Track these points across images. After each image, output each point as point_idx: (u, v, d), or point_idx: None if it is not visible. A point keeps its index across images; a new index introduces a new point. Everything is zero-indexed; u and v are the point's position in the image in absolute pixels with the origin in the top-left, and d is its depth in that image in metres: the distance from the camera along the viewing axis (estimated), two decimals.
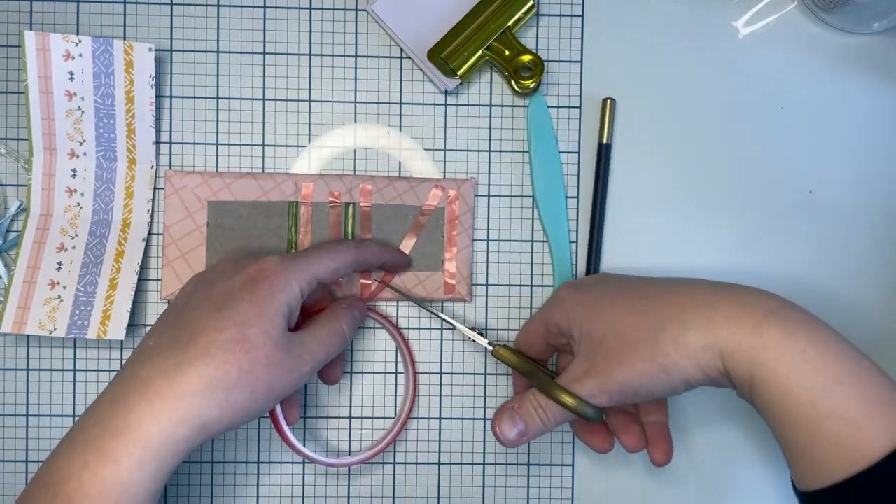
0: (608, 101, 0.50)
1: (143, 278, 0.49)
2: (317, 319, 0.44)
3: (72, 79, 0.46)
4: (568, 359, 0.47)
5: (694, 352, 0.37)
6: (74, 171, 0.48)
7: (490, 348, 0.47)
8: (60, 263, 0.48)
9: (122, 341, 0.49)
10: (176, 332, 0.40)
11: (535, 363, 0.46)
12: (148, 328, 0.49)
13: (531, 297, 0.51)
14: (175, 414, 0.37)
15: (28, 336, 0.49)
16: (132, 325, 0.49)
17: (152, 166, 0.49)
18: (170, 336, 0.40)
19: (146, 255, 0.49)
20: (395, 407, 0.50)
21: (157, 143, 0.49)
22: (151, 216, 0.49)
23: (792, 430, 0.36)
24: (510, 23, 0.48)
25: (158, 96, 0.49)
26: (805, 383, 0.35)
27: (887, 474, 0.33)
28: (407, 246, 0.50)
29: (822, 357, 0.35)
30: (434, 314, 0.49)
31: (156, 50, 0.47)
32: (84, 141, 0.48)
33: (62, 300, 0.47)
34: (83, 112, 0.47)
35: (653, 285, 0.42)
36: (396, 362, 0.51)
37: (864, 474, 0.33)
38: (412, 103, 0.50)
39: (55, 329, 0.47)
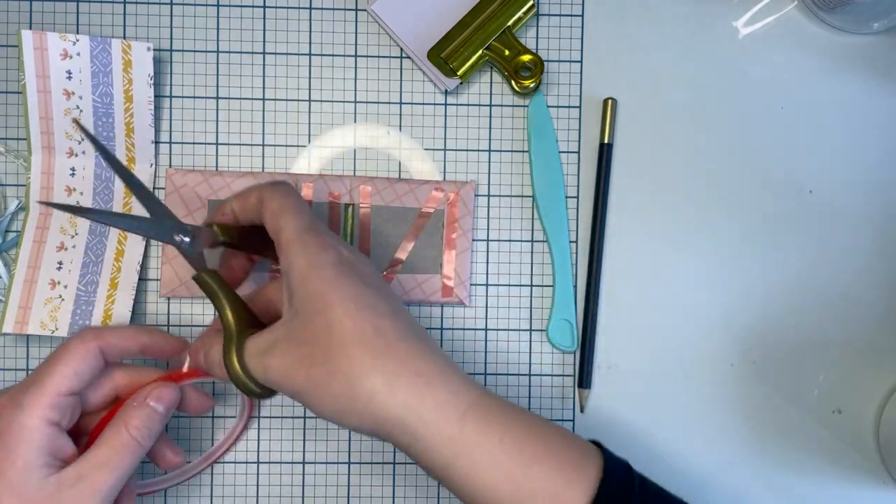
0: (609, 101, 0.50)
1: (143, 278, 0.49)
2: (101, 435, 0.38)
3: (70, 78, 0.46)
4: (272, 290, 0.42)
5: (386, 419, 0.35)
6: (73, 169, 0.48)
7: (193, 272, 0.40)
8: (61, 263, 0.48)
9: None
10: None
11: (236, 300, 0.39)
12: (149, 327, 0.49)
13: (531, 297, 0.51)
14: None
15: (28, 336, 0.49)
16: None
17: (151, 165, 0.49)
18: None
19: (146, 255, 0.49)
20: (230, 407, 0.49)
21: (157, 142, 0.49)
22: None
23: None
24: (510, 23, 0.48)
25: (158, 96, 0.49)
26: (505, 472, 0.36)
27: None
28: (406, 248, 0.49)
29: (517, 443, 0.37)
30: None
31: (155, 49, 0.47)
32: (83, 140, 0.48)
33: (63, 300, 0.47)
34: (81, 111, 0.47)
35: (394, 321, 0.37)
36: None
37: None
38: (412, 103, 0.50)
39: (56, 329, 0.47)
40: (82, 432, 0.41)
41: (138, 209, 0.49)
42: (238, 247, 0.43)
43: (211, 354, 0.39)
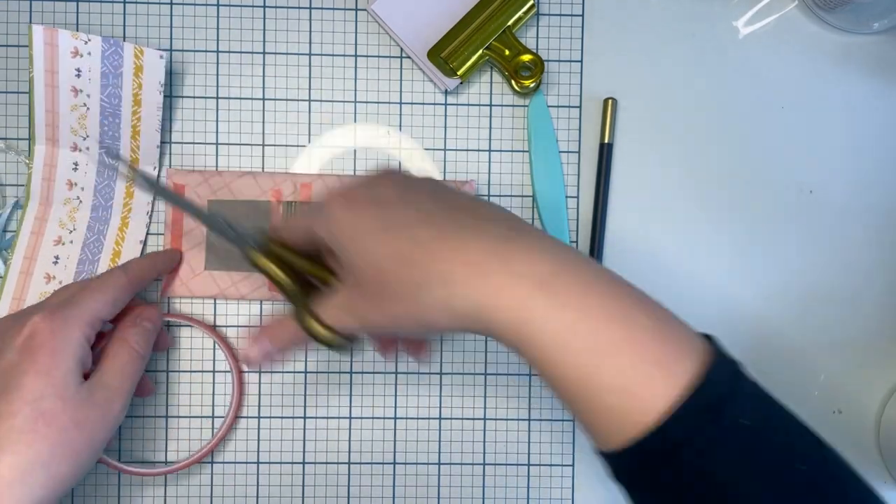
0: (609, 101, 0.50)
1: None
2: (107, 350, 0.43)
3: (79, 76, 0.46)
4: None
5: (456, 313, 0.34)
6: (76, 164, 0.48)
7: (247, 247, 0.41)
8: (57, 257, 0.48)
9: None
10: None
11: (295, 273, 0.41)
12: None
13: None
14: None
15: None
16: None
17: (154, 168, 0.49)
18: None
19: (142, 256, 0.49)
20: (219, 407, 0.50)
21: (161, 144, 0.49)
22: (150, 218, 0.49)
23: (569, 402, 0.34)
24: (510, 22, 0.48)
25: None
26: (575, 360, 0.33)
27: (667, 436, 0.32)
28: None
29: (593, 330, 0.33)
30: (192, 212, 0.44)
31: (165, 54, 0.47)
32: (88, 136, 0.48)
33: None
34: (88, 109, 0.47)
35: (428, 226, 0.36)
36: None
37: (644, 440, 0.32)
38: (412, 103, 0.50)
39: None
40: None
41: (138, 211, 0.49)
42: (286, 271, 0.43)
43: (279, 333, 0.40)
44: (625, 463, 0.34)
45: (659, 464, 0.32)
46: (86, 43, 0.46)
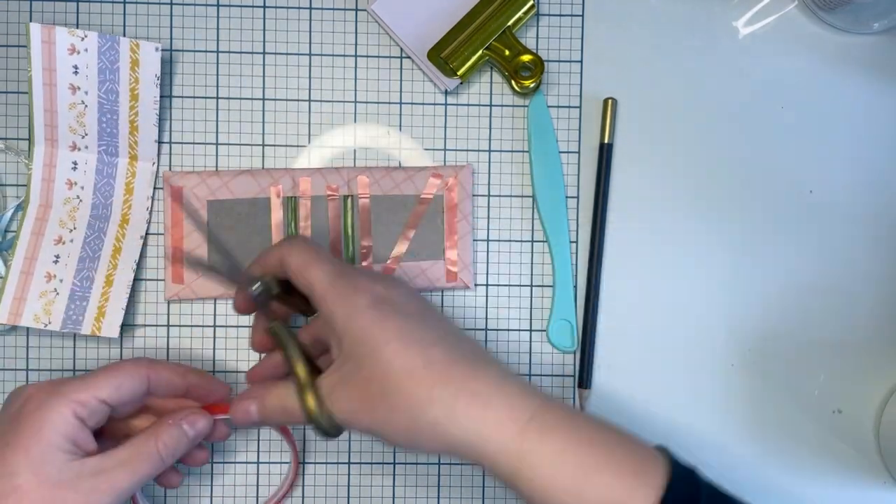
0: (609, 101, 0.50)
1: (140, 277, 0.49)
2: (131, 439, 0.40)
3: (76, 73, 0.46)
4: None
5: (451, 441, 0.37)
6: (75, 163, 0.48)
7: (271, 324, 0.42)
8: (58, 256, 0.48)
9: (120, 339, 0.49)
10: None
11: (300, 350, 0.41)
12: (144, 328, 0.49)
13: (531, 297, 0.50)
14: None
15: (28, 334, 0.49)
16: (128, 325, 0.49)
17: (153, 163, 0.49)
18: None
19: (143, 255, 0.49)
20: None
21: (159, 142, 0.49)
22: (150, 214, 0.49)
23: None
24: (510, 23, 0.48)
25: (159, 96, 0.49)
26: (567, 481, 0.36)
27: None
28: (408, 236, 0.49)
29: (579, 453, 0.37)
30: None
31: (161, 46, 0.47)
32: (86, 135, 0.48)
33: (58, 293, 0.47)
34: (86, 106, 0.47)
35: (442, 349, 0.38)
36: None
37: None
38: (412, 103, 0.50)
39: (50, 322, 0.47)
40: (107, 436, 0.42)
41: (137, 207, 0.49)
42: (284, 300, 0.44)
43: (269, 402, 0.40)
44: None
45: None
46: (82, 39, 0.46)
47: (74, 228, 0.48)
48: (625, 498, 0.36)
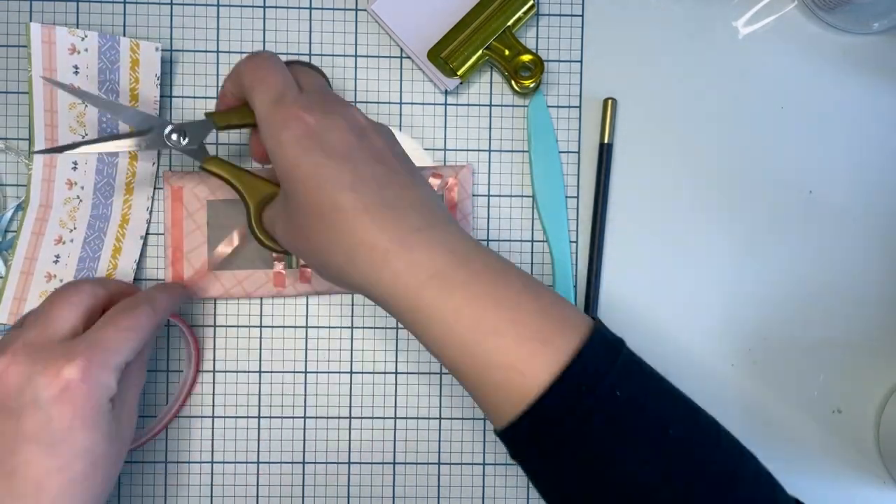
0: (609, 101, 0.50)
1: (140, 277, 0.49)
2: (128, 379, 0.41)
3: (77, 73, 0.46)
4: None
5: (353, 286, 0.38)
6: (75, 163, 0.48)
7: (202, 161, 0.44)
8: (58, 256, 0.48)
9: None
10: (12, 484, 0.37)
11: (245, 174, 0.43)
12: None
13: None
14: None
15: None
16: None
17: (153, 164, 0.49)
18: (5, 488, 0.37)
19: (143, 254, 0.49)
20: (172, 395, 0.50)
21: None
22: (150, 214, 0.49)
23: (463, 383, 0.37)
24: (510, 23, 0.48)
25: (159, 96, 0.49)
26: (460, 340, 0.36)
27: (549, 406, 0.35)
28: None
29: (478, 312, 0.36)
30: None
31: (161, 46, 0.47)
32: (86, 135, 0.48)
33: None
34: (86, 106, 0.47)
35: (357, 193, 0.37)
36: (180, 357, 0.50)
37: (529, 412, 0.35)
38: (412, 103, 0.50)
39: None
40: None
41: (138, 207, 0.49)
42: (246, 125, 0.44)
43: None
44: (516, 436, 0.36)
45: (545, 433, 0.35)
46: (83, 39, 0.46)
47: (74, 228, 0.48)
48: (520, 363, 0.35)
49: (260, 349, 0.50)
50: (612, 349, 0.37)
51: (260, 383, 0.50)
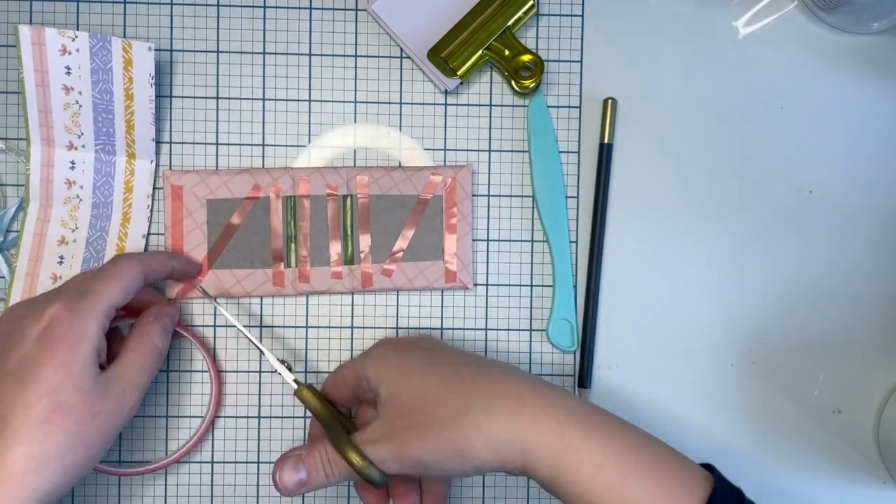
0: (609, 101, 0.50)
1: None
2: (128, 344, 0.43)
3: (69, 73, 0.46)
4: (368, 412, 0.46)
5: (495, 442, 0.38)
6: (73, 162, 0.48)
7: (295, 387, 0.45)
8: (62, 257, 0.48)
9: None
10: None
11: (337, 411, 0.45)
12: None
13: (531, 297, 0.51)
14: (11, 499, 0.36)
15: None
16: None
17: (152, 161, 0.49)
18: None
19: (156, 251, 0.49)
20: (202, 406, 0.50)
21: (158, 142, 0.49)
22: (151, 212, 0.49)
23: None
24: (510, 23, 0.48)
25: (159, 96, 0.49)
26: (607, 480, 0.37)
27: None
28: (406, 236, 0.49)
29: (620, 452, 0.37)
30: (249, 339, 0.46)
31: (156, 49, 0.47)
32: (82, 134, 0.48)
33: None
34: (81, 106, 0.47)
35: (469, 364, 0.42)
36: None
37: None
38: (412, 103, 0.50)
39: None
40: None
41: (138, 206, 0.49)
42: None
43: (336, 461, 0.42)
44: None
45: None
46: (73, 40, 0.46)
47: (76, 228, 0.48)
48: (664, 502, 0.36)
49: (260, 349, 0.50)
50: (736, 492, 0.38)
51: (260, 383, 0.50)
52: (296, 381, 0.46)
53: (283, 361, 0.46)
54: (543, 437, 0.38)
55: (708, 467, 0.39)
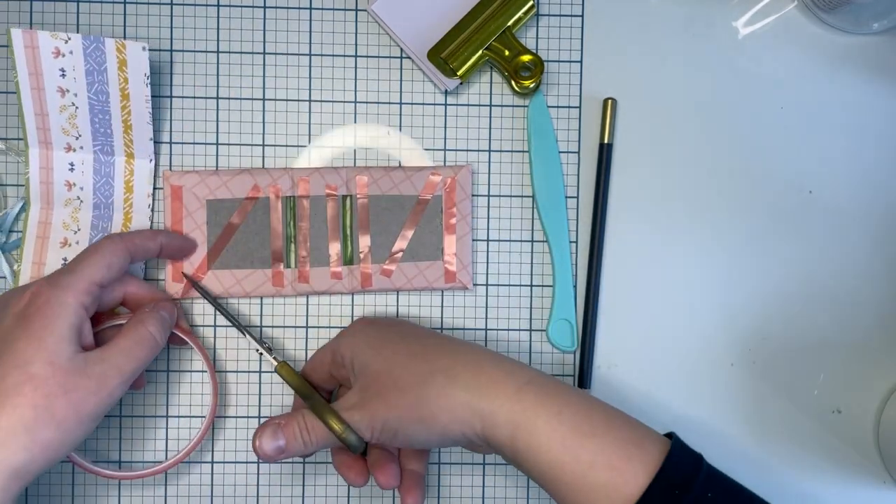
0: (609, 101, 0.50)
1: (146, 277, 0.49)
2: (123, 329, 0.43)
3: (63, 75, 0.46)
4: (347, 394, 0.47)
5: (455, 407, 0.40)
6: (72, 164, 0.48)
7: (275, 363, 0.47)
8: (66, 259, 0.48)
9: None
10: None
11: (314, 388, 0.46)
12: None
13: (531, 296, 0.51)
14: None
15: None
16: None
17: (150, 161, 0.49)
18: None
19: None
20: (197, 406, 0.50)
21: (158, 142, 0.49)
22: (152, 212, 0.49)
23: (560, 484, 0.38)
24: (510, 23, 0.48)
25: (158, 96, 0.49)
26: (563, 441, 0.38)
27: None
28: (406, 236, 0.49)
29: (576, 416, 0.39)
30: (228, 317, 0.48)
31: (155, 49, 0.47)
32: (80, 136, 0.48)
33: None
34: (77, 108, 0.47)
35: (436, 337, 0.44)
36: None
37: None
38: (412, 103, 0.50)
39: None
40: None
41: (139, 205, 0.49)
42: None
43: (313, 427, 0.43)
44: None
45: None
46: (66, 42, 0.45)
47: (78, 230, 0.48)
48: (620, 463, 0.37)
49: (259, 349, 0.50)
50: (695, 456, 0.39)
51: (260, 383, 0.50)
52: (275, 357, 0.47)
53: (262, 342, 0.48)
54: (501, 401, 0.39)
55: (669, 436, 0.40)
